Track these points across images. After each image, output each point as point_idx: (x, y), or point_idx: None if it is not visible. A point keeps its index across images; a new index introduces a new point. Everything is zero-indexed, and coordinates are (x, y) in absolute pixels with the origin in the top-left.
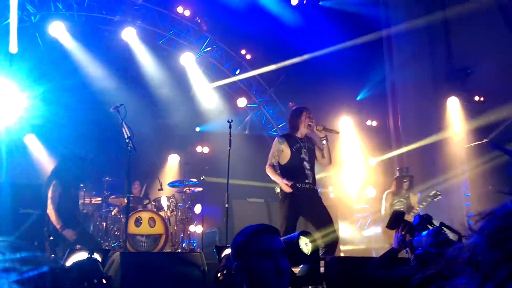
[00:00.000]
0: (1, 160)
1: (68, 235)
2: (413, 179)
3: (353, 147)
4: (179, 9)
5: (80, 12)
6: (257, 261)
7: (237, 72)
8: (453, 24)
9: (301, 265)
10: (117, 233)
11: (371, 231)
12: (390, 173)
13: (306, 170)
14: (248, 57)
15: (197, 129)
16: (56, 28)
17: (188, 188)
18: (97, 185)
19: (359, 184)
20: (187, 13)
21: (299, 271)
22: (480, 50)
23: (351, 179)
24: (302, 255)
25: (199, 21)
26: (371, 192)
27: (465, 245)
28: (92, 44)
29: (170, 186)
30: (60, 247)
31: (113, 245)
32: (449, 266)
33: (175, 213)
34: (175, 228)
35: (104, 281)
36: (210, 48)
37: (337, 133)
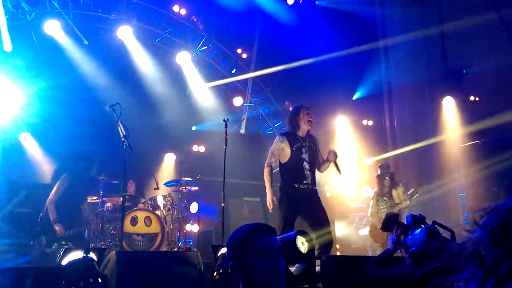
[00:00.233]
0: None
1: (57, 229)
2: (394, 175)
3: (349, 147)
4: (175, 8)
5: (75, 10)
6: (253, 260)
7: (233, 71)
8: (449, 25)
9: (296, 264)
10: (113, 232)
11: (367, 230)
12: None
13: (305, 170)
14: (244, 56)
15: (193, 128)
16: (51, 26)
17: (184, 187)
18: (92, 184)
19: (355, 183)
20: (183, 12)
21: (295, 270)
22: (475, 50)
23: (347, 178)
24: (298, 254)
25: (195, 20)
26: (367, 191)
27: (468, 239)
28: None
29: (166, 185)
30: (47, 237)
31: (109, 244)
32: (452, 260)
33: (171, 212)
34: (171, 227)
35: (99, 280)
36: (206, 47)
37: (339, 172)
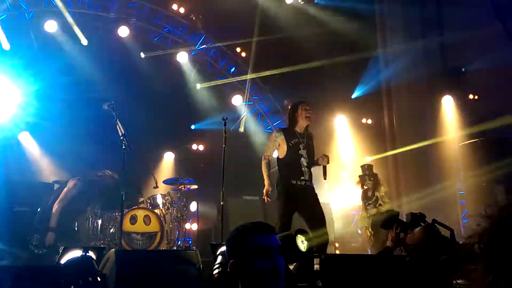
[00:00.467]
0: None
1: (48, 237)
2: (377, 176)
3: (348, 145)
4: (174, 7)
5: (74, 9)
6: (252, 259)
7: (232, 70)
8: (448, 22)
9: (295, 263)
10: (112, 230)
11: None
12: (385, 171)
13: (303, 166)
14: (243, 54)
15: (192, 127)
16: (50, 25)
17: (183, 185)
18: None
19: (354, 181)
20: (182, 10)
21: (293, 268)
22: (474, 48)
23: (346, 176)
24: (298, 253)
25: (194, 18)
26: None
27: (474, 232)
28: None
29: (165, 183)
30: (39, 239)
31: (108, 243)
32: (458, 252)
33: (170, 210)
34: (170, 225)
35: (99, 279)
36: (205, 45)
37: (324, 177)
